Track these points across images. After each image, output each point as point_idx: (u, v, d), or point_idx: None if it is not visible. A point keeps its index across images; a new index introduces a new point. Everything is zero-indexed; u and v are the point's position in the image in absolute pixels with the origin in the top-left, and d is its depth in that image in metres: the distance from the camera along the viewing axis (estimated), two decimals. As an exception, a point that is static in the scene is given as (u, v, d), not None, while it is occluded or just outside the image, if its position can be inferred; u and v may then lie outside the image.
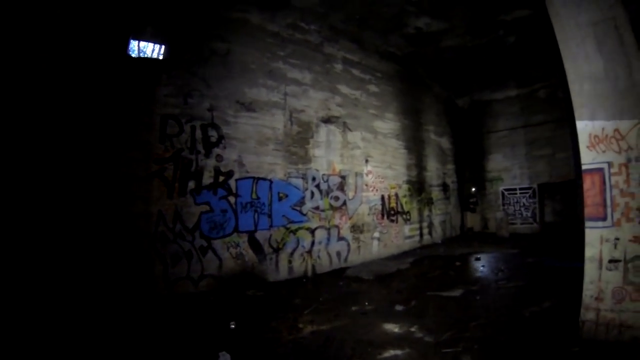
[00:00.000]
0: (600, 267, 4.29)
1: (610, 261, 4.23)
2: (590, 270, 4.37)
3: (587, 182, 4.50)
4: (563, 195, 15.62)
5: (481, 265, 9.67)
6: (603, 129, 4.40)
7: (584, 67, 4.58)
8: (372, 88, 12.42)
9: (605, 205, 4.37)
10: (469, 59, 13.88)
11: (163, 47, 7.69)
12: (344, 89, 11.28)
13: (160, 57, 7.69)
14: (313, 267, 9.61)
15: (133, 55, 7.61)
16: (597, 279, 4.30)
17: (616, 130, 4.31)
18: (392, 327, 5.35)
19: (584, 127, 4.53)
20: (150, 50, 7.98)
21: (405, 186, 13.47)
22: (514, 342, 4.57)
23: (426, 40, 12.14)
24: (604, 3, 4.45)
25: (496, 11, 10.66)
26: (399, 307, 6.26)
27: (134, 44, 7.76)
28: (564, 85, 14.31)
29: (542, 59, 14.20)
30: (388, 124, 12.92)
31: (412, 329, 5.22)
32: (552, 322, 5.09)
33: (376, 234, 11.82)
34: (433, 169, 15.51)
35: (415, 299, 6.69)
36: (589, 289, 4.35)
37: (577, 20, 4.58)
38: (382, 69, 12.93)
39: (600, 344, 4.18)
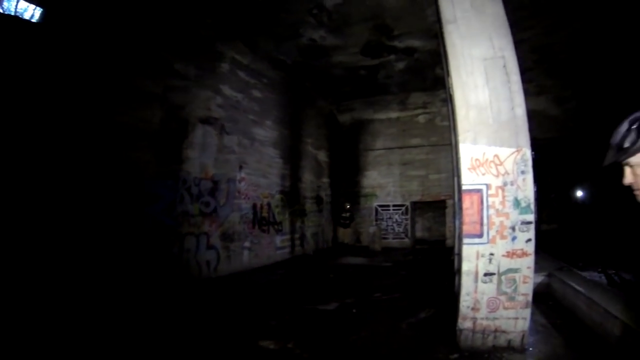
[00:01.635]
0: (476, 280, 4.79)
1: (485, 274, 4.76)
2: (466, 283, 4.85)
3: (467, 202, 4.94)
4: (433, 213, 17.22)
5: (354, 278, 10.05)
6: (484, 153, 4.92)
7: (471, 96, 5.10)
8: (256, 93, 12.38)
9: (482, 224, 4.86)
10: (356, 77, 14.65)
11: (39, 10, 6.74)
12: (227, 90, 11.04)
13: (34, 21, 6.74)
14: (181, 276, 9.12)
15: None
16: (474, 290, 4.79)
17: (496, 155, 4.87)
18: (268, 344, 5.23)
19: (467, 150, 4.99)
20: (29, 14, 6.97)
21: (278, 196, 13.56)
22: (395, 354, 4.84)
23: (318, 53, 12.55)
24: (497, 43, 5.10)
25: (391, 37, 11.52)
26: (272, 322, 6.17)
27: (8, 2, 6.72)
28: (442, 114, 15.93)
29: (426, 87, 15.65)
30: (267, 132, 12.96)
31: (289, 345, 5.17)
32: (429, 332, 5.53)
33: (247, 244, 11.66)
34: (308, 181, 15.92)
35: (290, 312, 6.69)
36: (465, 300, 4.83)
37: (470, 53, 5.14)
38: (269, 75, 13.01)
39: (478, 349, 4.71)
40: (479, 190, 4.89)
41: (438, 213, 17.41)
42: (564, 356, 4.59)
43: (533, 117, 15.04)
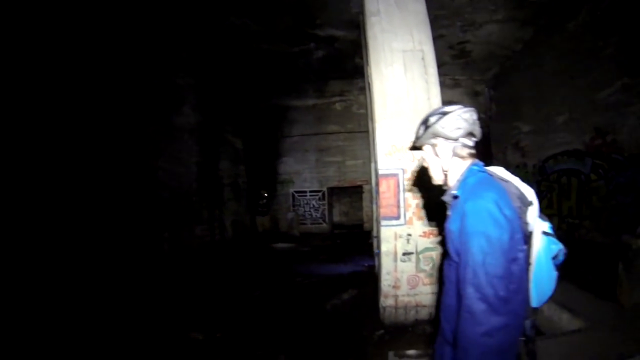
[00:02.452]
0: (396, 260, 5.13)
1: (404, 254, 5.12)
2: (386, 263, 5.18)
3: (383, 186, 5.24)
4: (350, 198, 17.72)
5: (275, 264, 10.18)
6: (400, 140, 5.25)
7: (389, 86, 5.39)
8: (178, 80, 11.98)
9: (399, 206, 5.21)
10: (276, 64, 14.64)
11: None
12: (147, 75, 10.52)
13: None
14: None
15: None
16: (394, 269, 5.13)
17: (412, 142, 5.17)
18: (197, 335, 5.21)
19: (384, 137, 5.29)
20: None
21: (195, 185, 13.24)
22: (324, 334, 5.05)
23: (241, 40, 12.38)
24: (417, 37, 5.43)
25: (313, 26, 11.66)
26: (199, 313, 6.10)
27: None
28: (359, 101, 16.41)
29: (345, 76, 16.03)
30: (185, 119, 12.55)
31: (218, 335, 5.20)
32: (353, 312, 5.81)
33: (166, 234, 11.33)
34: (225, 169, 15.60)
35: (214, 300, 6.70)
36: (386, 279, 5.16)
37: (391, 45, 5.43)
38: (190, 61, 12.61)
39: (401, 324, 5.05)
40: (396, 175, 5.22)
41: (355, 198, 17.99)
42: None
43: (448, 107, 16.33)
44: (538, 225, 1.82)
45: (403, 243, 5.13)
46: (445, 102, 5.57)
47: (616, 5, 9.16)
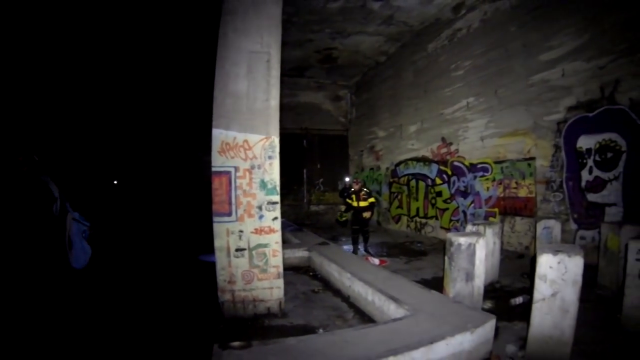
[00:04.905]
0: (229, 255, 5.24)
1: (237, 250, 5.25)
2: (220, 258, 5.25)
3: (216, 183, 5.31)
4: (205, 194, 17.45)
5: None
6: (235, 138, 5.33)
7: (230, 84, 5.41)
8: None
9: (230, 203, 5.31)
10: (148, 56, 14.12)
11: None
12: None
13: None
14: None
15: None
16: (228, 265, 5.24)
17: (245, 141, 5.34)
18: None
19: (218, 135, 5.32)
20: None
21: None
22: (161, 334, 4.86)
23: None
24: (266, 40, 5.52)
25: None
26: None
27: None
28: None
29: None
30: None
31: None
32: (195, 309, 5.73)
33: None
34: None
35: None
36: (221, 274, 5.25)
37: (239, 45, 5.44)
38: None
39: (241, 318, 5.21)
40: (228, 172, 5.33)
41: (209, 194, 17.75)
42: (317, 316, 5.42)
43: (309, 109, 17.60)
44: (70, 215, 2.82)
45: (235, 239, 5.26)
46: (308, 104, 5.81)
47: (471, 34, 10.59)
